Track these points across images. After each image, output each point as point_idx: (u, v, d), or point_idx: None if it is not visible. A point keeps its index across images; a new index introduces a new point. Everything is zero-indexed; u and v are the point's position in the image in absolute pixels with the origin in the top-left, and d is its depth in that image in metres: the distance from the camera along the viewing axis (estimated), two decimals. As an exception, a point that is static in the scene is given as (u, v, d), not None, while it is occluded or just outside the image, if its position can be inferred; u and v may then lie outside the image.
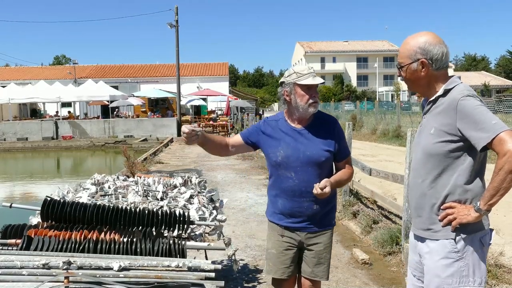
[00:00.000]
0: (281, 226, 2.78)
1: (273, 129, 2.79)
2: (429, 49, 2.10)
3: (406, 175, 4.81)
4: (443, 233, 2.08)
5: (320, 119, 2.79)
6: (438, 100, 2.11)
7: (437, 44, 2.11)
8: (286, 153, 2.68)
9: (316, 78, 2.67)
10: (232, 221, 6.77)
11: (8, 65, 56.99)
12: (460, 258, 2.05)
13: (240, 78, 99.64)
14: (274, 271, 2.82)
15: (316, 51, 70.61)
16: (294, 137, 2.72)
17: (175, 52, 28.30)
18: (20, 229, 2.78)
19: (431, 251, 2.12)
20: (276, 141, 2.74)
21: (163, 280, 2.33)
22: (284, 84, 2.71)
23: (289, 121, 2.78)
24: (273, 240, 2.83)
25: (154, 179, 4.16)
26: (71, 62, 52.28)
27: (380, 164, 10.94)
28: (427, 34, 2.16)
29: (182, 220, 2.96)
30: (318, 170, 2.67)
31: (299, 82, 2.63)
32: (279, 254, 2.80)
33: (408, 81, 2.21)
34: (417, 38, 2.15)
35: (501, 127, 1.90)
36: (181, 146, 20.73)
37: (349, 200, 7.06)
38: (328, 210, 2.79)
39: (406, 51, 2.16)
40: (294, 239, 2.77)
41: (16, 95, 28.06)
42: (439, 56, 2.10)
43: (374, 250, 5.46)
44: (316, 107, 2.70)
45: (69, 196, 3.59)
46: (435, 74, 2.13)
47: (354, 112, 27.08)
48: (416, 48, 2.12)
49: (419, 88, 2.22)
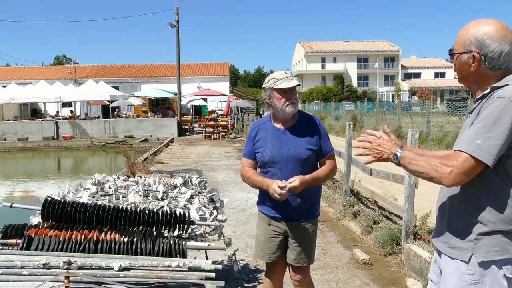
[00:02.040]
0: (268, 216, 3.07)
1: (260, 132, 3.06)
2: (487, 44, 1.79)
3: (407, 175, 4.81)
4: (455, 252, 1.88)
5: (303, 120, 3.03)
6: (485, 99, 1.83)
7: (498, 39, 1.79)
8: (272, 153, 2.94)
9: (291, 81, 2.89)
10: (233, 221, 6.77)
11: (9, 65, 57.00)
12: (475, 283, 1.81)
13: (240, 78, 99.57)
14: (262, 255, 3.13)
15: (316, 51, 70.61)
16: (279, 138, 2.97)
17: (176, 52, 28.32)
18: (21, 229, 2.78)
19: (445, 269, 1.94)
20: (263, 142, 3.00)
21: (163, 280, 2.33)
22: (265, 90, 3.00)
23: (274, 123, 3.04)
24: (261, 228, 3.13)
25: (154, 179, 4.16)
26: (72, 62, 52.41)
27: (380, 164, 10.91)
28: (492, 24, 1.82)
29: (182, 220, 2.96)
30: (301, 167, 2.91)
31: (276, 86, 2.90)
32: (266, 241, 3.09)
33: (457, 72, 1.94)
34: (479, 26, 1.84)
35: (473, 149, 1.71)
36: (182, 146, 20.74)
37: (349, 201, 7.06)
38: (311, 203, 3.05)
39: (462, 38, 1.86)
40: (280, 228, 3.04)
41: (16, 95, 28.06)
42: (496, 55, 1.79)
43: (374, 250, 5.46)
44: (293, 107, 2.93)
45: (70, 196, 3.59)
46: (488, 74, 1.84)
47: (354, 112, 27.05)
48: (472, 38, 1.82)
49: (467, 83, 1.94)
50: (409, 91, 63.43)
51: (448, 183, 1.76)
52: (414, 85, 64.66)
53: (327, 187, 8.39)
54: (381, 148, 2.01)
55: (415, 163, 1.87)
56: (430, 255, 4.29)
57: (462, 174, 1.73)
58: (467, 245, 1.85)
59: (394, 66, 70.38)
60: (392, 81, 67.65)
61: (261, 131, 3.05)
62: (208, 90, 34.17)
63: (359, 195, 7.30)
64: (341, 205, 7.13)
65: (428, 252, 4.46)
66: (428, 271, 4.10)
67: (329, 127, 24.90)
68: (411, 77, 69.54)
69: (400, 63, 70.45)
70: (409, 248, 4.76)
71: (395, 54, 70.61)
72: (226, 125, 25.62)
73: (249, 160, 3.08)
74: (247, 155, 3.10)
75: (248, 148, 3.10)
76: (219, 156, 16.13)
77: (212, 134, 24.94)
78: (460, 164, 1.73)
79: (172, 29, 28.02)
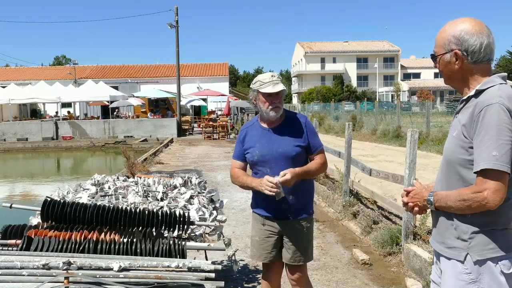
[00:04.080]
0: (262, 216, 3.08)
1: (248, 134, 3.10)
2: (465, 39, 1.85)
3: (406, 175, 4.81)
4: (451, 252, 1.91)
5: (290, 118, 3.07)
6: (470, 100, 1.88)
7: (475, 33, 1.85)
8: (262, 152, 2.98)
9: (276, 86, 2.91)
10: (232, 221, 6.77)
11: (8, 65, 57.04)
12: (473, 281, 1.84)
13: (240, 79, 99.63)
14: (258, 256, 3.14)
15: (316, 51, 70.63)
16: (267, 137, 3.01)
17: (175, 52, 28.32)
18: (20, 230, 2.78)
19: (444, 269, 1.96)
20: (252, 142, 3.04)
21: (163, 280, 2.33)
22: (252, 91, 3.04)
23: (262, 123, 3.08)
24: (256, 228, 3.14)
25: (154, 180, 4.16)
26: (71, 63, 52.30)
27: (380, 164, 10.93)
28: (466, 21, 1.89)
29: (182, 221, 2.96)
30: (291, 164, 2.92)
31: (261, 90, 2.94)
32: (261, 241, 3.10)
33: (442, 73, 1.99)
34: (454, 25, 1.90)
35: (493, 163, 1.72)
36: (181, 146, 20.74)
37: (349, 201, 7.06)
38: (304, 201, 3.06)
39: (440, 39, 1.93)
40: (274, 227, 3.05)
41: (16, 95, 28.05)
42: (476, 48, 1.84)
43: (374, 250, 5.46)
44: (277, 112, 2.96)
45: (69, 196, 3.58)
46: (472, 69, 1.88)
47: (354, 112, 27.05)
48: (450, 36, 1.88)
49: (454, 83, 1.98)
50: (408, 91, 63.47)
51: (492, 206, 1.76)
52: (414, 85, 64.68)
53: (326, 187, 8.39)
54: (415, 199, 2.02)
55: (452, 200, 1.85)
56: (430, 255, 4.29)
57: (497, 191, 1.74)
58: (462, 245, 1.87)
59: (394, 66, 70.41)
60: (392, 81, 67.66)
61: (250, 133, 3.09)
62: (207, 90, 34.18)
63: (359, 195, 7.30)
64: (341, 205, 7.13)
65: (427, 252, 4.46)
66: (427, 271, 4.11)
67: (329, 127, 24.92)
68: (410, 77, 69.58)
69: (400, 63, 70.50)
70: (408, 248, 4.76)
71: (394, 54, 70.64)
72: (226, 126, 25.61)
73: (239, 162, 3.12)
74: (236, 157, 3.14)
75: (238, 150, 3.13)
76: (218, 157, 16.12)
77: (211, 134, 24.95)
78: (490, 183, 1.74)
79: (172, 29, 28.02)
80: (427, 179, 6.99)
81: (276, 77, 2.96)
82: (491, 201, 1.74)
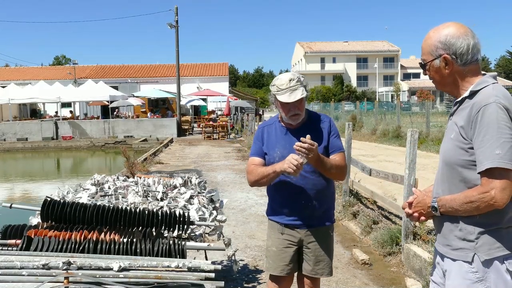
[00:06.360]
0: (281, 224, 2.84)
1: (269, 134, 2.89)
2: (452, 42, 1.87)
3: (406, 175, 4.81)
4: (458, 253, 1.90)
5: (313, 118, 2.86)
6: (465, 101, 1.90)
7: (461, 36, 1.87)
8: (283, 154, 2.73)
9: (294, 93, 2.66)
10: (232, 221, 6.77)
11: (8, 65, 57.01)
12: (479, 280, 1.84)
13: (240, 79, 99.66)
14: (274, 268, 2.87)
15: (316, 51, 70.64)
16: (288, 138, 2.79)
17: (175, 52, 28.30)
18: (20, 230, 2.78)
19: (449, 271, 1.95)
20: (272, 143, 2.84)
21: (163, 280, 2.33)
22: (270, 93, 2.81)
23: (282, 123, 2.86)
24: (273, 238, 2.89)
25: (154, 180, 4.16)
26: (71, 63, 52.33)
27: (380, 164, 10.94)
28: (450, 25, 1.92)
29: (182, 221, 2.96)
30: (314, 167, 2.70)
31: (277, 97, 2.71)
32: (279, 252, 2.85)
33: (433, 80, 2.00)
34: (438, 31, 1.93)
35: (497, 161, 1.71)
36: (181, 146, 20.74)
37: (349, 201, 7.06)
38: (326, 207, 2.86)
39: (427, 47, 1.95)
40: (294, 237, 2.82)
41: (16, 95, 28.05)
42: (464, 50, 1.86)
43: (374, 250, 5.46)
44: (296, 119, 2.75)
45: (69, 196, 3.58)
46: (462, 71, 1.90)
47: (354, 112, 27.04)
48: (437, 42, 1.91)
49: (446, 87, 1.99)
50: (408, 91, 63.46)
51: (501, 204, 1.76)
52: (414, 85, 64.65)
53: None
54: (418, 208, 2.02)
55: (458, 203, 1.84)
56: (430, 255, 4.29)
57: (504, 189, 1.74)
58: (469, 245, 1.86)
59: (394, 66, 70.41)
60: (392, 81, 67.68)
61: (270, 132, 2.89)
62: (207, 90, 34.19)
63: (359, 195, 7.30)
64: (341, 205, 7.13)
65: (427, 252, 4.46)
66: (427, 271, 4.11)
67: (329, 127, 24.83)
68: (410, 77, 69.53)
69: (400, 63, 70.48)
70: (408, 248, 4.76)
71: (394, 54, 70.65)
72: (226, 125, 25.62)
73: (258, 158, 2.85)
74: (255, 154, 2.88)
75: (257, 147, 2.89)
76: (218, 157, 16.12)
77: (211, 134, 24.95)
78: (496, 182, 1.74)
79: (172, 29, 28.01)
80: (427, 179, 7.00)
81: (295, 82, 2.68)
82: (499, 199, 1.74)
